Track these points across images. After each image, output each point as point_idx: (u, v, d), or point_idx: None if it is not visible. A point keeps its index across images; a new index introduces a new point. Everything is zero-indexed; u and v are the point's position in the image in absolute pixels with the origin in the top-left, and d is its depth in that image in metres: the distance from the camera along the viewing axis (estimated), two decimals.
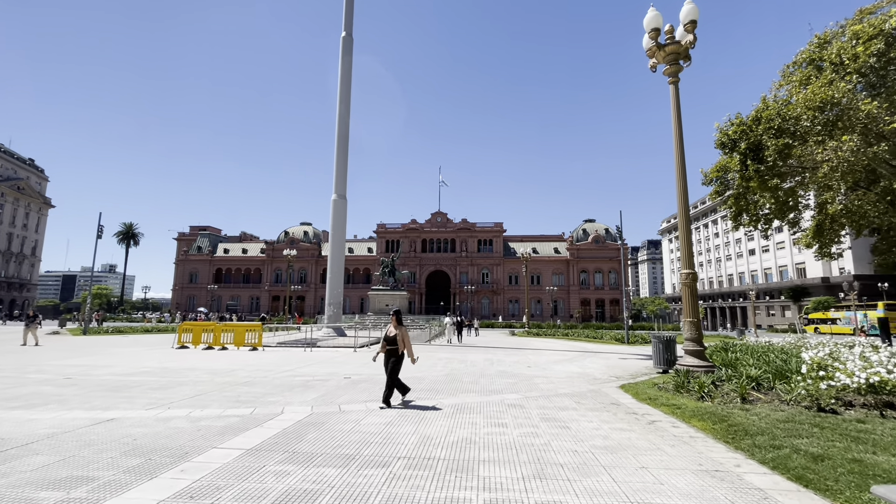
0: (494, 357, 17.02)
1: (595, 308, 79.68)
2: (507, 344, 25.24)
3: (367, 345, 20.45)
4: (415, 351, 18.28)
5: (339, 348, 19.26)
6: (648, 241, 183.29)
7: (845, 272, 65.61)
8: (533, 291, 77.32)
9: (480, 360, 15.95)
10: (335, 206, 25.92)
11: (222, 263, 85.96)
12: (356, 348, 18.65)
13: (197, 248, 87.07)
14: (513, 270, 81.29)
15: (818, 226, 22.97)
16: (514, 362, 15.29)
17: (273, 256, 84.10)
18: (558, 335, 34.53)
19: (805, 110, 20.07)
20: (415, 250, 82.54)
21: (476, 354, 17.98)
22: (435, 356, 16.97)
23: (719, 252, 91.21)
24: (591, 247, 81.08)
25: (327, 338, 23.02)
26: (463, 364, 14.42)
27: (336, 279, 25.43)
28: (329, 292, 25.24)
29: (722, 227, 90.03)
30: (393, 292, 40.29)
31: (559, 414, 7.34)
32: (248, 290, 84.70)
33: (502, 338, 33.00)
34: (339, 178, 26.29)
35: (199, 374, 11.16)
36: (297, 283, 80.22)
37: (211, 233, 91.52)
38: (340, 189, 26.20)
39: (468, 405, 7.93)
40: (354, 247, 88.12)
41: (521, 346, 23.75)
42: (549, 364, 14.92)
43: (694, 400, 8.31)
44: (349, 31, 27.61)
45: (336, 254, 25.71)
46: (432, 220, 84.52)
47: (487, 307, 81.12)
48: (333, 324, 24.72)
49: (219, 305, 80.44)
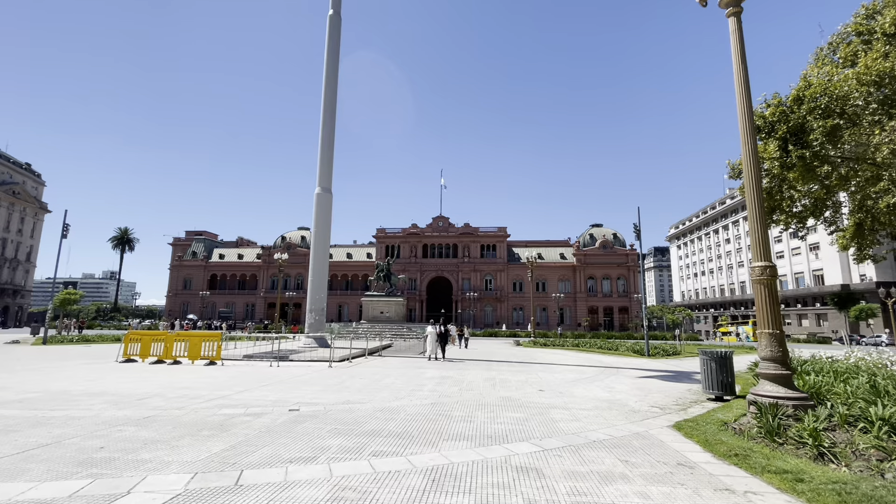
0: (497, 375, 14.06)
1: (603, 316, 76.73)
2: (511, 356, 22.53)
3: (346, 358, 17.53)
4: (401, 367, 15.40)
5: (312, 363, 16.41)
6: (655, 248, 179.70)
7: (866, 279, 62.07)
8: (538, 299, 74.47)
9: (480, 379, 12.97)
10: (319, 200, 23.21)
11: (217, 269, 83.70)
12: (332, 362, 15.72)
13: (192, 253, 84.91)
14: (517, 277, 78.73)
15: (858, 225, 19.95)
16: (521, 383, 12.31)
17: (269, 262, 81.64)
18: (568, 346, 31.77)
19: (857, 86, 17.06)
20: (415, 256, 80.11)
21: (474, 371, 15.03)
22: (423, 374, 14.03)
23: (730, 258, 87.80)
24: (599, 252, 78.50)
25: (305, 349, 20.14)
26: (457, 387, 11.44)
27: (318, 282, 22.59)
28: (310, 297, 22.40)
29: (733, 231, 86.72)
30: (388, 298, 37.49)
31: (604, 494, 4.33)
32: (243, 296, 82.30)
33: (506, 349, 30.29)
34: (324, 170, 23.65)
35: (93, 404, 8.22)
36: (293, 290, 77.45)
37: (206, 238, 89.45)
38: (325, 182, 23.53)
39: (453, 470, 4.94)
40: (353, 252, 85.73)
41: (527, 358, 21.12)
42: (565, 385, 11.92)
43: (808, 459, 5.28)
44: (337, 10, 25.08)
45: (319, 253, 22.91)
46: (434, 225, 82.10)
47: (491, 315, 78.48)
48: (315, 333, 21.84)
49: (212, 312, 77.80)
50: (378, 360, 18.25)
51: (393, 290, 39.03)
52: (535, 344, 34.34)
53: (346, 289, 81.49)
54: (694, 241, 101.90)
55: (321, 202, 23.18)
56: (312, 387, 10.80)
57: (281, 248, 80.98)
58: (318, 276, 22.74)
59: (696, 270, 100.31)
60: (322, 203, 23.19)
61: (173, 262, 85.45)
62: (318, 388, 10.52)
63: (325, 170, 23.64)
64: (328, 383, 11.47)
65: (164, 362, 15.61)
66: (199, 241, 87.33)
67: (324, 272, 23.17)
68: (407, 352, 20.65)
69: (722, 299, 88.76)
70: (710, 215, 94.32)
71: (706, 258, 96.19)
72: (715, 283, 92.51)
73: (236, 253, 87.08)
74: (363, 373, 13.86)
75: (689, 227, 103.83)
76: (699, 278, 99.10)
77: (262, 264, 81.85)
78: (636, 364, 18.91)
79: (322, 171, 23.57)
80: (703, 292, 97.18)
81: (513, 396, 9.89)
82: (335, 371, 14.22)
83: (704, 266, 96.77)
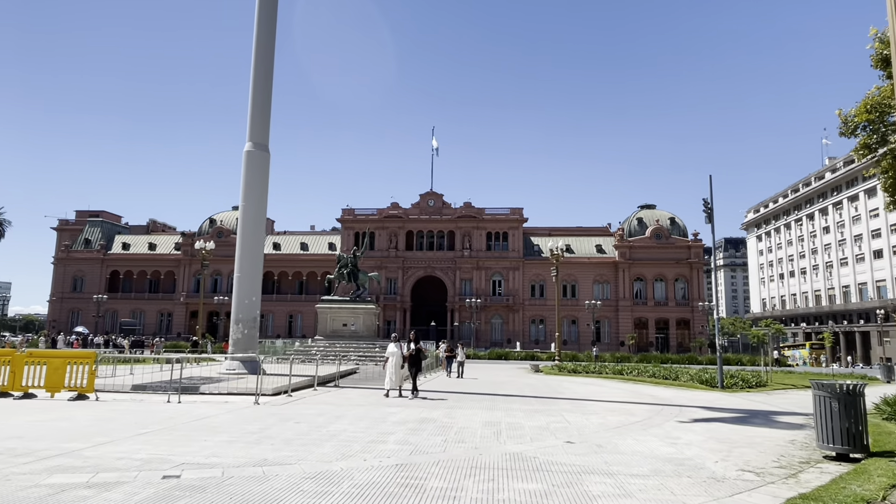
0: (504, 417, 13.02)
1: (654, 332, 76.53)
2: (526, 388, 21.85)
3: (284, 391, 16.42)
4: (363, 404, 14.25)
5: (231, 397, 15.39)
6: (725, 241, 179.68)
7: None
8: (566, 307, 73.80)
9: (477, 424, 11.88)
10: (249, 160, 22.06)
11: (121, 264, 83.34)
12: (261, 397, 14.58)
13: (84, 241, 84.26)
14: (537, 277, 78.47)
15: None
16: (539, 430, 11.25)
17: (193, 255, 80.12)
18: (606, 373, 31.28)
19: None
20: (396, 247, 79.52)
21: (470, 412, 14.03)
22: (393, 416, 12.99)
23: (829, 254, 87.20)
24: (650, 243, 78.41)
25: (227, 377, 19.08)
26: (440, 436, 10.33)
27: (248, 279, 21.49)
28: (236, 302, 21.28)
29: (835, 216, 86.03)
30: (355, 305, 36.52)
31: None
32: (155, 302, 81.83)
33: (520, 377, 29.56)
34: (258, 118, 22.55)
35: None
36: (224, 293, 75.99)
37: (105, 220, 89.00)
38: (259, 135, 22.39)
39: None
40: (310, 241, 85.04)
41: (550, 391, 20.50)
42: (605, 434, 10.86)
43: None
44: None
45: (249, 237, 21.81)
46: (422, 205, 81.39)
47: (500, 329, 78.13)
48: (243, 353, 20.70)
49: (113, 323, 76.53)
50: (331, 394, 17.37)
51: (361, 292, 38.04)
52: (560, 370, 33.90)
53: (299, 292, 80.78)
54: (780, 230, 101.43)
55: (253, 163, 22.03)
56: (217, 436, 9.63)
57: (209, 234, 79.62)
58: (249, 271, 21.63)
59: (783, 270, 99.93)
60: (255, 164, 22.04)
61: (59, 253, 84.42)
62: (224, 439, 9.34)
63: (259, 118, 22.58)
64: (244, 430, 10.32)
65: (9, 395, 14.46)
66: (94, 224, 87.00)
67: (257, 265, 22.14)
68: (377, 381, 19.67)
69: (817, 310, 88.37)
70: (803, 194, 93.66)
71: (796, 253, 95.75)
72: (808, 287, 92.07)
73: (147, 242, 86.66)
74: (303, 413, 12.78)
75: (773, 211, 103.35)
76: (786, 281, 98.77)
77: (184, 258, 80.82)
78: (706, 400, 18.31)
79: (255, 120, 22.50)
80: (792, 300, 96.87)
81: (526, 453, 8.78)
82: (262, 410, 13.12)
83: (794, 264, 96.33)
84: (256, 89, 22.66)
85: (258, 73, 22.74)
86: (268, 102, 22.99)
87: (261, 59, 22.75)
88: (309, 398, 15.96)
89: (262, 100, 22.76)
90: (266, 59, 22.96)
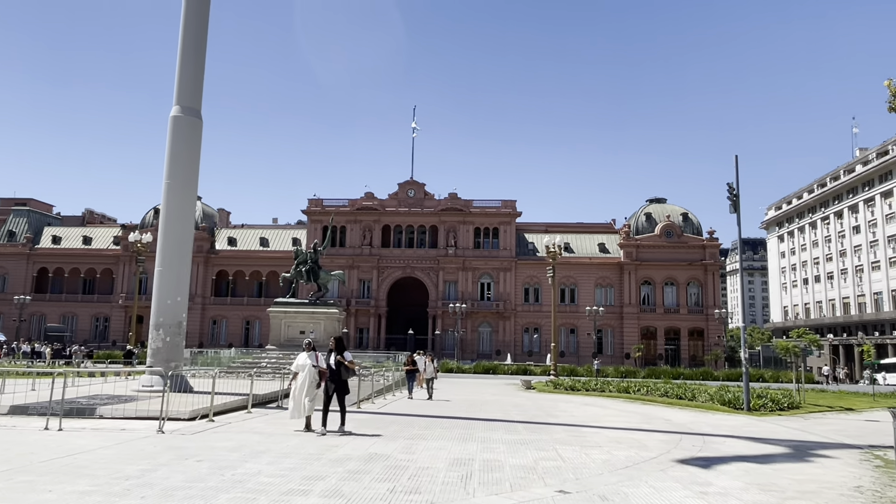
0: (479, 452, 11.40)
1: (664, 342, 76.12)
2: (513, 410, 20.84)
3: (204, 414, 14.63)
4: (301, 433, 11.97)
5: (134, 421, 13.65)
6: (742, 242, 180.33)
7: None
8: (564, 314, 73.38)
9: (442, 463, 10.20)
10: (176, 127, 20.44)
11: (50, 260, 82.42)
12: (165, 423, 12.72)
13: (7, 233, 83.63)
14: (531, 279, 78.22)
15: None
16: (523, 470, 9.63)
17: (134, 250, 78.16)
18: (610, 391, 30.31)
19: None
20: (370, 243, 78.76)
21: (437, 443, 12.47)
22: (335, 452, 11.27)
23: (859, 257, 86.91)
24: (660, 242, 78.63)
25: (141, 394, 17.31)
26: (388, 482, 8.60)
27: (173, 274, 19.82)
28: (156, 301, 19.54)
29: (866, 214, 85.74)
30: (315, 309, 34.92)
31: None
32: (90, 305, 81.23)
33: (507, 395, 28.52)
34: (187, 78, 20.99)
35: None
36: None
37: (34, 209, 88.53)
38: (188, 97, 20.80)
39: None
40: (271, 236, 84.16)
41: (542, 414, 19.57)
42: (610, 476, 9.28)
43: None
44: None
45: (175, 222, 20.16)
46: (400, 196, 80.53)
47: (488, 339, 77.47)
48: (161, 366, 18.90)
49: (39, 329, 74.32)
50: (267, 418, 15.78)
51: (323, 294, 36.48)
52: (556, 387, 33.07)
53: (258, 294, 79.64)
54: (804, 230, 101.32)
55: (181, 131, 20.49)
56: (73, 483, 7.78)
57: (153, 226, 77.38)
58: (174, 265, 19.98)
59: (807, 274, 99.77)
60: (183, 133, 20.50)
61: None
62: (81, 489, 7.49)
63: (189, 77, 21.07)
64: (118, 474, 8.46)
65: None
66: (20, 214, 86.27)
67: (184, 257, 20.66)
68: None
69: (845, 320, 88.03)
70: (830, 189, 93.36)
71: (822, 256, 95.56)
72: (836, 293, 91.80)
73: (81, 235, 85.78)
74: (214, 447, 11.00)
75: (797, 209, 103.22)
76: (811, 286, 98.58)
77: (123, 254, 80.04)
78: (733, 427, 16.99)
79: (183, 80, 21.01)
80: (818, 308, 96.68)
81: None
82: (162, 442, 11.30)
83: (820, 268, 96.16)
84: (187, 43, 21.07)
85: (189, 23, 21.15)
86: (201, 60, 21.47)
87: (192, 6, 21.11)
88: (235, 424, 14.18)
89: (193, 57, 21.20)
90: (198, 7, 21.33)
